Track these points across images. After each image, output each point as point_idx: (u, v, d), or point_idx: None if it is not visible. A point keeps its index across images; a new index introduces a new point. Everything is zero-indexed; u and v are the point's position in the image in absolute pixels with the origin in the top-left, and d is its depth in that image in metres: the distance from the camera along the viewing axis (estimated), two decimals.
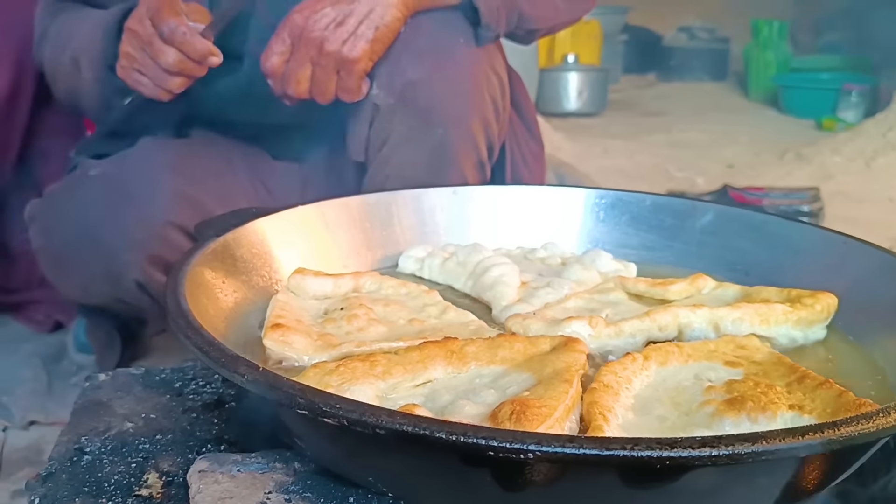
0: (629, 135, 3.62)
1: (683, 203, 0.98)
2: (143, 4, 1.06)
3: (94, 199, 1.08)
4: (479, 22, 1.12)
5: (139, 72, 1.07)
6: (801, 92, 4.29)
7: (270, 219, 0.86)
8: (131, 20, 1.06)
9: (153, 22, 1.03)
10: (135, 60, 1.06)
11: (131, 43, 1.06)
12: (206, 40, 1.04)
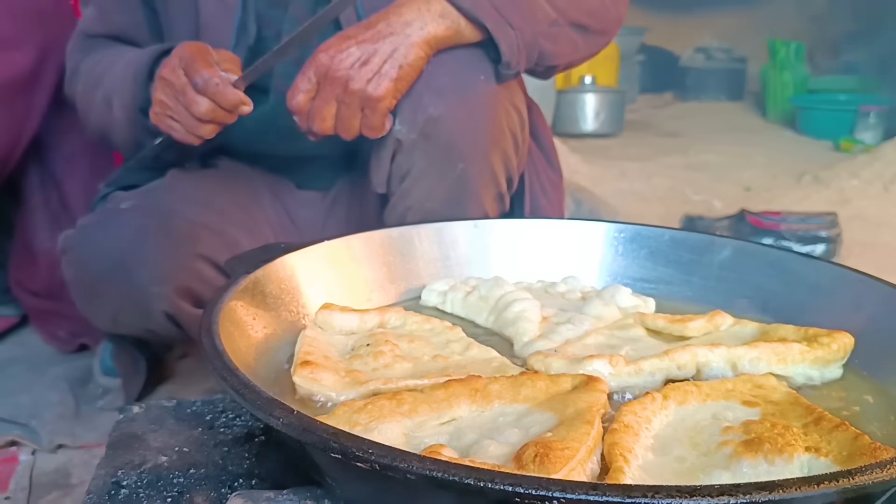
0: (646, 156, 3.63)
1: (701, 238, 1.00)
2: (175, 55, 1.10)
3: (125, 233, 1.12)
4: (499, 59, 1.15)
5: (172, 118, 1.10)
6: (819, 113, 4.30)
7: (298, 254, 0.89)
8: (164, 69, 1.10)
9: (186, 72, 1.07)
10: (168, 108, 1.10)
11: (164, 91, 1.10)
12: (237, 90, 1.08)
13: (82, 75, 1.32)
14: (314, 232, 1.42)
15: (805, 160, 3.53)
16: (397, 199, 1.22)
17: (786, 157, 3.66)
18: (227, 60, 1.11)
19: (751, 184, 3.11)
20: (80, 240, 1.15)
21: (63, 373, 1.56)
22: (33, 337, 1.73)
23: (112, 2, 1.34)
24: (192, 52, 1.07)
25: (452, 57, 1.15)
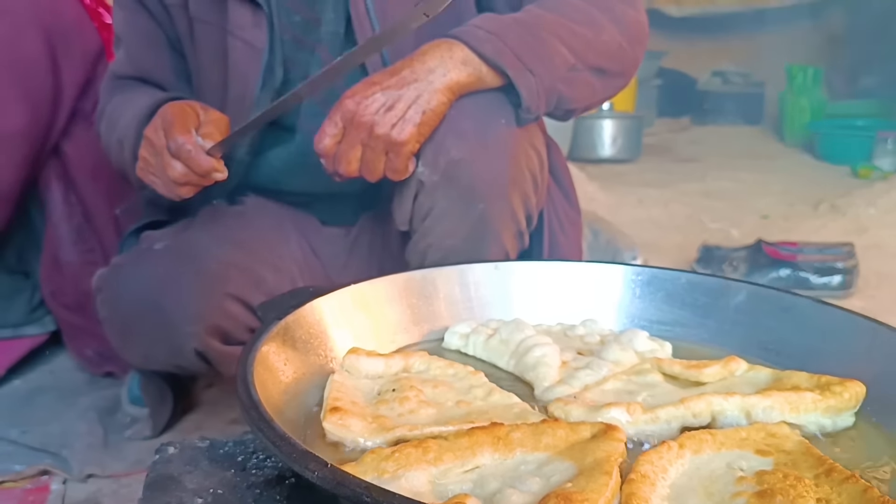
0: (663, 183, 3.65)
1: (717, 282, 1.02)
2: (159, 115, 1.15)
3: (157, 273, 1.16)
4: (519, 104, 1.18)
5: (153, 175, 1.14)
6: (836, 139, 4.31)
7: (326, 299, 0.92)
8: (149, 128, 1.15)
9: (166, 134, 1.11)
10: (150, 165, 1.15)
11: (147, 149, 1.15)
12: (210, 158, 1.10)
13: (106, 116, 1.38)
14: (338, 267, 1.46)
15: (822, 187, 3.54)
16: (419, 237, 1.26)
17: (803, 183, 3.67)
18: (211, 122, 1.14)
19: (768, 211, 3.12)
20: (114, 280, 1.19)
21: (92, 402, 1.61)
22: (62, 364, 1.78)
23: (140, 46, 1.39)
24: (174, 116, 1.11)
25: (474, 102, 1.19)
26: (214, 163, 1.10)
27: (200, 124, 1.14)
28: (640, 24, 1.31)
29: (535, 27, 1.19)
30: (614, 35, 1.26)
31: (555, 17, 1.22)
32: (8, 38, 1.52)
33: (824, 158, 4.33)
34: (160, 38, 1.38)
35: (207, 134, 1.12)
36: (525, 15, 1.22)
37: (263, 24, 1.29)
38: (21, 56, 1.55)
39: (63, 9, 1.63)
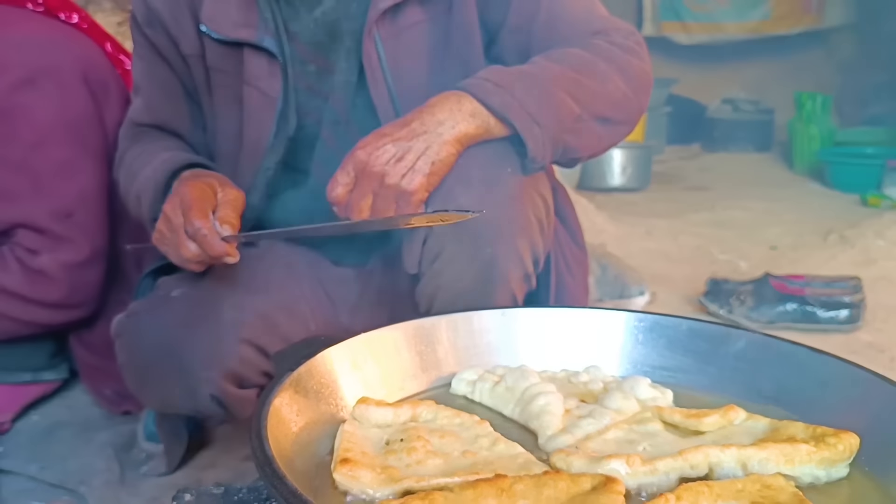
0: (673, 212, 3.68)
1: (717, 329, 1.05)
2: (178, 194, 1.18)
3: (174, 320, 1.20)
4: (526, 153, 1.22)
5: (167, 246, 1.18)
6: (846, 167, 4.33)
7: (337, 348, 0.95)
8: (168, 204, 1.19)
9: (184, 215, 1.14)
10: (165, 237, 1.18)
11: (164, 223, 1.18)
12: (224, 244, 1.13)
13: (125, 165, 1.42)
14: (349, 306, 1.49)
15: (832, 216, 3.56)
16: (428, 279, 1.29)
17: (812, 213, 3.69)
18: (228, 203, 1.18)
19: (777, 242, 3.14)
20: (133, 326, 1.23)
21: (109, 438, 1.64)
22: (79, 399, 1.81)
23: (157, 95, 1.44)
24: (193, 198, 1.15)
25: (481, 151, 1.22)
26: (228, 248, 1.13)
27: (217, 205, 1.17)
28: (644, 74, 1.34)
29: (541, 79, 1.23)
30: (619, 85, 1.29)
31: (561, 68, 1.25)
32: (59, 98, 1.57)
33: (834, 186, 4.35)
34: (177, 87, 1.43)
35: (224, 216, 1.15)
36: (532, 67, 1.26)
37: (278, 73, 1.34)
38: (74, 113, 1.59)
39: (96, 60, 1.67)
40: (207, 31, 1.33)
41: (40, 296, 1.56)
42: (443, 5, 1.34)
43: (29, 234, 1.54)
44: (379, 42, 1.31)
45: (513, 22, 1.35)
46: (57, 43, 1.59)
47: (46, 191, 1.55)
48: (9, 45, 1.53)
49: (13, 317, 1.55)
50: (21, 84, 1.52)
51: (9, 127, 1.52)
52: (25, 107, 1.52)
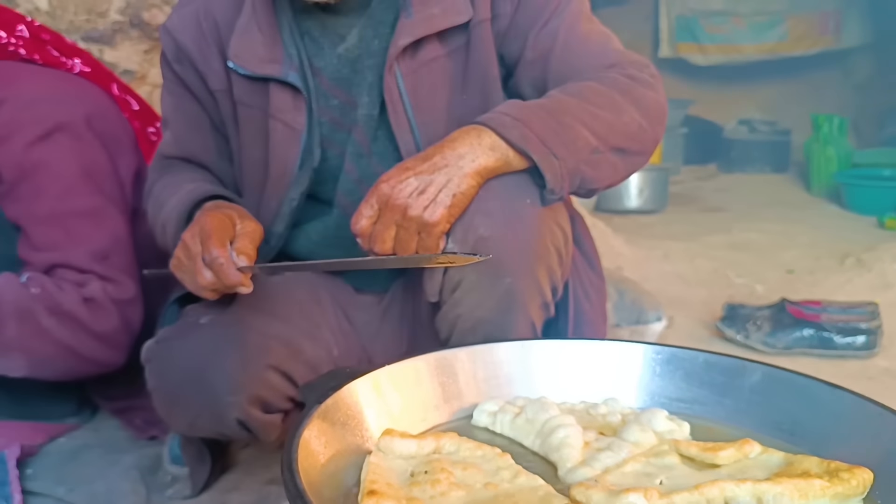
0: (689, 235, 3.69)
1: (733, 362, 1.07)
2: (198, 223, 1.22)
3: (203, 346, 1.23)
4: (544, 185, 1.25)
5: (184, 273, 1.22)
6: (862, 189, 4.33)
7: (362, 380, 0.98)
8: (187, 232, 1.22)
9: (202, 244, 1.18)
10: (182, 264, 1.21)
11: (182, 250, 1.21)
12: (239, 274, 1.16)
13: (153, 196, 1.46)
14: (370, 333, 1.52)
15: (848, 239, 3.56)
16: (448, 308, 1.32)
17: (829, 235, 3.69)
18: (245, 235, 1.21)
19: (794, 265, 3.15)
20: (163, 353, 1.27)
21: (134, 461, 1.67)
22: (106, 422, 1.85)
23: (186, 129, 1.48)
24: (211, 228, 1.18)
25: (501, 183, 1.25)
26: (243, 278, 1.16)
27: (235, 236, 1.21)
28: (659, 105, 1.37)
29: (558, 113, 1.26)
30: (634, 117, 1.32)
31: (577, 101, 1.28)
32: (76, 150, 1.60)
33: (850, 209, 4.35)
34: (205, 121, 1.47)
35: (241, 247, 1.18)
36: (549, 101, 1.29)
37: (303, 107, 1.37)
38: (91, 164, 1.62)
39: (105, 111, 1.71)
40: (234, 66, 1.38)
41: (95, 323, 1.57)
42: (461, 40, 1.38)
43: (71, 272, 1.57)
44: (400, 77, 1.35)
45: (529, 56, 1.39)
46: (66, 97, 1.63)
47: (80, 238, 1.58)
48: (21, 105, 1.57)
49: (71, 346, 1.55)
50: (37, 141, 1.55)
51: (33, 184, 1.55)
52: (45, 162, 1.56)
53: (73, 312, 1.54)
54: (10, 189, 1.56)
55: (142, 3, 2.25)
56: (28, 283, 1.53)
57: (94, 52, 2.28)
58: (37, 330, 1.52)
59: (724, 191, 5.08)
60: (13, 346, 1.51)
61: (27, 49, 1.66)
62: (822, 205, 4.60)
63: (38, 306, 1.51)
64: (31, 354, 1.53)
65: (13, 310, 1.50)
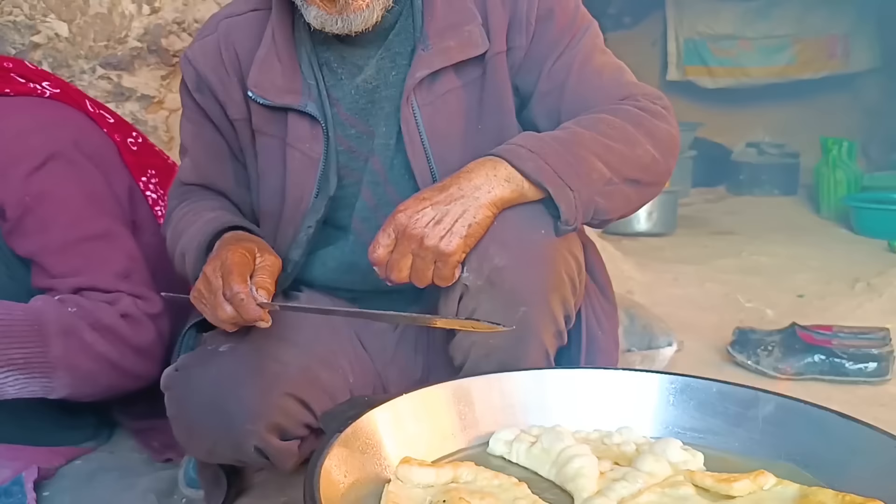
0: (699, 258, 3.70)
1: (747, 393, 1.08)
2: (219, 258, 1.23)
3: (222, 375, 1.25)
4: (559, 216, 1.26)
5: (204, 305, 1.24)
6: (872, 212, 4.33)
7: (380, 409, 1.00)
8: (208, 265, 1.24)
9: (223, 279, 1.20)
10: (203, 297, 1.23)
11: (203, 284, 1.23)
12: (259, 309, 1.18)
13: (172, 223, 1.49)
14: (385, 359, 1.53)
15: (858, 263, 3.56)
16: (463, 335, 1.34)
17: (839, 259, 3.69)
18: (264, 268, 1.23)
19: (804, 289, 3.15)
20: (182, 380, 1.28)
21: (150, 483, 1.68)
22: (123, 444, 1.86)
23: (205, 156, 1.51)
24: (233, 263, 1.20)
25: (516, 213, 1.27)
26: (262, 314, 1.18)
27: (255, 270, 1.23)
28: (672, 137, 1.39)
29: (573, 145, 1.28)
30: (648, 148, 1.34)
31: (591, 134, 1.30)
32: (72, 177, 1.60)
33: (860, 232, 4.35)
34: (224, 149, 1.49)
35: (260, 282, 1.20)
36: (563, 133, 1.31)
37: (320, 136, 1.40)
38: (90, 186, 1.63)
39: (87, 130, 1.70)
40: (254, 96, 1.40)
41: (135, 336, 1.58)
42: (477, 72, 1.40)
43: (98, 293, 1.58)
44: (416, 108, 1.37)
45: (544, 87, 1.41)
46: (51, 125, 1.63)
47: (99, 260, 1.59)
48: (8, 139, 1.56)
49: (113, 360, 1.56)
50: (33, 172, 1.55)
51: (38, 217, 1.55)
52: (46, 193, 1.56)
53: (113, 327, 1.55)
54: (15, 225, 1.56)
55: (160, 30, 2.28)
56: (64, 302, 1.54)
57: (113, 78, 2.32)
58: (81, 346, 1.52)
59: (734, 213, 5.09)
60: (59, 365, 1.51)
61: None
62: (831, 228, 4.60)
63: (81, 322, 1.52)
64: (75, 372, 1.53)
65: (58, 328, 1.50)
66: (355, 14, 1.31)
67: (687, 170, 5.55)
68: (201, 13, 2.31)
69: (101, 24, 2.24)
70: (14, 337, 1.47)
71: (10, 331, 1.47)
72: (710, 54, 6.25)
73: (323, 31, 1.35)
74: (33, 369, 1.49)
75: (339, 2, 1.29)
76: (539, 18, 1.39)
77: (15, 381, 1.49)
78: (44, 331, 1.49)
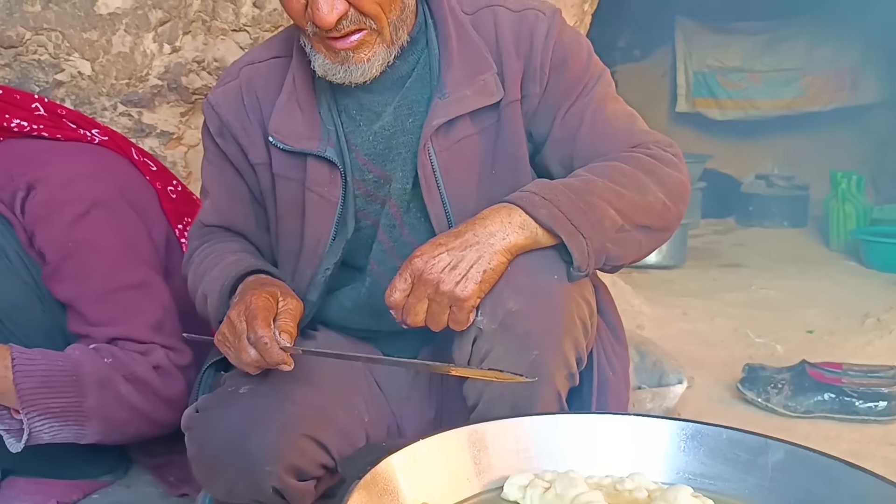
0: (708, 292, 3.72)
1: (756, 440, 1.10)
2: (243, 303, 1.27)
3: (242, 416, 1.28)
4: (571, 262, 1.29)
5: (228, 349, 1.27)
6: (881, 246, 4.34)
7: (398, 455, 1.02)
8: (233, 310, 1.27)
9: (247, 323, 1.23)
10: (227, 340, 1.27)
11: (228, 328, 1.26)
12: (282, 353, 1.22)
13: (193, 264, 1.52)
14: (400, 399, 1.56)
15: (868, 297, 3.57)
16: None
17: (849, 293, 3.70)
18: (287, 312, 1.27)
19: (813, 325, 3.17)
20: (202, 421, 1.31)
21: None
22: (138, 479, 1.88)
23: (226, 198, 1.55)
24: (257, 308, 1.23)
25: (530, 259, 1.30)
26: (285, 357, 1.22)
27: (278, 313, 1.26)
28: (682, 184, 1.42)
29: (586, 193, 1.31)
30: (658, 195, 1.37)
31: (603, 181, 1.33)
32: (114, 225, 1.64)
33: (869, 265, 4.36)
34: (244, 191, 1.53)
35: (283, 325, 1.24)
36: (576, 180, 1.34)
37: (339, 180, 1.43)
38: (129, 235, 1.67)
39: (131, 178, 1.75)
40: (275, 141, 1.44)
41: (166, 388, 1.61)
42: (492, 119, 1.44)
43: (133, 344, 1.61)
44: (433, 154, 1.41)
45: (557, 135, 1.45)
46: (98, 172, 1.67)
47: (134, 311, 1.62)
48: (57, 185, 1.60)
49: (143, 411, 1.59)
50: (77, 219, 1.59)
51: (78, 263, 1.59)
52: (88, 241, 1.60)
53: (146, 379, 1.59)
54: (55, 269, 1.59)
55: (180, 69, 2.34)
56: (99, 352, 1.57)
57: (133, 115, 2.37)
58: (115, 397, 1.56)
59: (743, 245, 5.10)
60: (93, 415, 1.55)
61: (49, 130, 1.70)
62: (841, 261, 4.61)
63: (116, 374, 1.55)
64: (107, 422, 1.57)
65: (95, 380, 1.54)
66: (356, 66, 1.35)
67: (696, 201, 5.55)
68: (220, 52, 2.36)
69: (122, 63, 2.30)
70: (53, 387, 1.51)
71: (49, 381, 1.50)
72: (719, 87, 6.30)
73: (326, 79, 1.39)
74: (68, 418, 1.53)
75: (340, 54, 1.33)
76: (553, 68, 1.43)
77: (50, 428, 1.52)
78: (81, 382, 1.52)
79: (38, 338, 1.59)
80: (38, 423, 1.50)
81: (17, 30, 2.22)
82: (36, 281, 1.61)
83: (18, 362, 1.49)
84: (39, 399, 1.49)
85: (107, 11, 2.25)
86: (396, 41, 1.38)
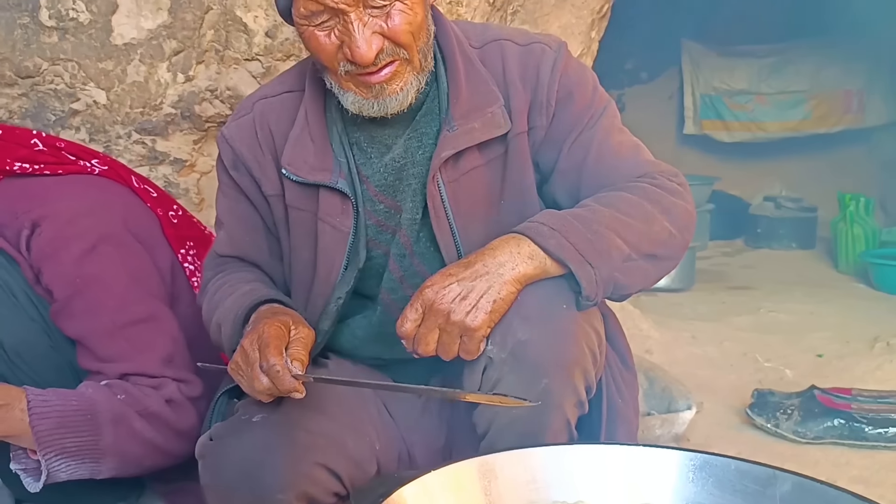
0: (717, 315, 3.72)
1: (764, 471, 1.11)
2: (256, 332, 1.28)
3: (255, 444, 1.30)
4: (580, 290, 1.31)
5: (241, 377, 1.29)
6: (890, 269, 4.34)
7: (410, 486, 1.04)
8: (246, 339, 1.29)
9: (260, 352, 1.25)
10: (240, 368, 1.28)
11: (241, 356, 1.28)
12: (294, 381, 1.23)
13: (208, 294, 1.54)
14: (410, 425, 1.57)
15: (877, 320, 3.57)
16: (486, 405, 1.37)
17: (858, 316, 3.70)
18: (299, 340, 1.29)
19: (823, 349, 3.16)
20: (216, 450, 1.33)
21: None
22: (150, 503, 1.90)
23: (239, 229, 1.57)
24: (269, 337, 1.25)
25: (539, 289, 1.32)
26: (297, 385, 1.24)
27: (290, 342, 1.28)
28: (688, 214, 1.44)
29: (593, 223, 1.33)
30: (664, 225, 1.39)
31: (610, 211, 1.35)
32: (121, 259, 1.64)
33: (879, 288, 4.36)
34: (258, 222, 1.56)
35: (295, 353, 1.26)
36: (584, 210, 1.36)
37: (350, 211, 1.46)
38: (136, 268, 1.67)
39: (134, 208, 1.76)
40: (288, 174, 1.47)
41: (179, 422, 1.62)
42: (499, 151, 1.46)
43: (144, 378, 1.62)
44: (442, 185, 1.43)
45: (563, 165, 1.47)
46: (103, 206, 1.68)
47: (144, 346, 1.63)
48: (62, 222, 1.60)
49: (158, 445, 1.60)
50: (84, 255, 1.59)
51: (87, 299, 1.59)
52: (96, 276, 1.60)
53: (159, 413, 1.60)
54: (64, 306, 1.60)
55: (194, 98, 2.37)
56: (112, 389, 1.59)
57: (147, 143, 2.41)
58: (130, 433, 1.57)
59: (751, 267, 5.11)
60: (108, 452, 1.56)
61: (51, 167, 1.70)
62: (849, 283, 4.61)
63: (130, 410, 1.56)
64: (123, 457, 1.58)
65: (110, 417, 1.55)
66: (391, 98, 1.37)
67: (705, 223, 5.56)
68: (233, 81, 2.40)
69: (137, 92, 2.34)
70: (69, 427, 1.52)
71: (65, 421, 1.52)
72: (726, 109, 6.33)
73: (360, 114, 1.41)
74: (84, 456, 1.54)
75: (374, 88, 1.36)
76: (559, 100, 1.46)
77: (67, 466, 1.54)
78: (96, 420, 1.54)
79: (47, 373, 1.60)
80: (55, 462, 1.51)
81: (34, 60, 2.26)
82: (44, 317, 1.62)
83: (34, 404, 1.50)
84: (56, 440, 1.51)
85: (122, 42, 2.29)
86: (426, 67, 1.41)
